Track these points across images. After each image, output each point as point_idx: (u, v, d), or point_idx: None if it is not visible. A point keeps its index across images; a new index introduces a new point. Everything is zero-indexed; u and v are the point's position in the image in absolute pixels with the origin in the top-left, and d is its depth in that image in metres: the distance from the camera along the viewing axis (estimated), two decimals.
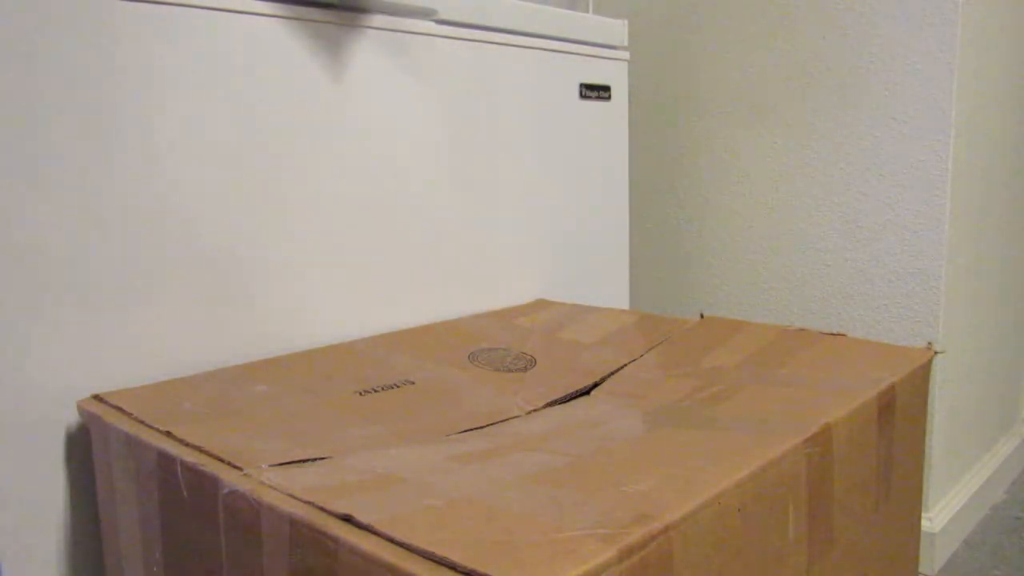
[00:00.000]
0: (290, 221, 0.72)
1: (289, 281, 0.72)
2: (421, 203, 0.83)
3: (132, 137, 0.61)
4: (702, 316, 0.79)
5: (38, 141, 0.57)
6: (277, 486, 0.43)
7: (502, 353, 0.73)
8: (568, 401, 0.62)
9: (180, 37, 0.63)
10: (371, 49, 0.77)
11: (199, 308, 0.66)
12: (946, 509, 1.11)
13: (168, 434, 0.51)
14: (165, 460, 0.49)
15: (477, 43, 0.87)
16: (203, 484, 0.46)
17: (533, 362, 0.71)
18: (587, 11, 1.26)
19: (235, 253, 0.68)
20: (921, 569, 1.08)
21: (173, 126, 0.64)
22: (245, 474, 0.45)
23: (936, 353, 0.68)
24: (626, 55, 1.07)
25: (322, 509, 0.40)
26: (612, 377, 0.67)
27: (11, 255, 0.56)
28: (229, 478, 0.44)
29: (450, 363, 0.70)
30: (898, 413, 0.60)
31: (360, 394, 0.61)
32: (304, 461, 0.47)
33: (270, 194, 0.70)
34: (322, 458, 0.48)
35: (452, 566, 0.34)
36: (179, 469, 0.48)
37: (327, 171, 0.74)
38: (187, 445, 0.49)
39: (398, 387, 0.63)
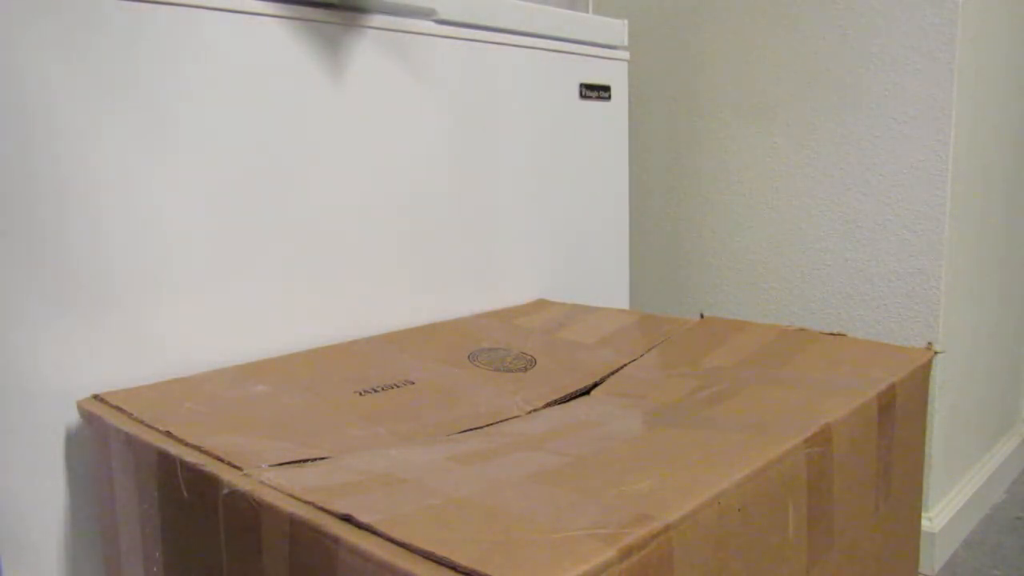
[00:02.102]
0: (290, 220, 0.72)
1: (288, 281, 0.72)
2: (421, 203, 0.83)
3: (130, 137, 0.61)
4: (702, 316, 0.79)
5: (38, 144, 0.57)
6: (277, 486, 0.43)
7: (502, 353, 0.73)
8: (568, 401, 0.62)
9: (180, 37, 0.63)
10: (371, 49, 0.77)
11: (197, 308, 0.66)
12: (946, 509, 1.11)
13: (168, 434, 0.51)
14: (165, 460, 0.49)
15: (477, 43, 0.87)
16: (203, 484, 0.46)
17: (533, 362, 0.71)
18: (587, 11, 1.26)
19: (234, 252, 0.68)
20: (921, 569, 1.08)
21: (172, 126, 0.64)
22: (245, 474, 0.45)
23: (936, 353, 0.68)
24: (626, 55, 1.07)
25: (322, 509, 0.40)
26: (612, 377, 0.67)
27: (10, 256, 0.56)
28: (229, 478, 0.44)
29: (450, 363, 0.70)
30: (898, 413, 0.60)
31: (360, 394, 0.61)
32: (304, 461, 0.47)
33: (269, 194, 0.70)
34: (322, 458, 0.48)
35: (452, 566, 0.34)
36: (179, 469, 0.48)
37: (327, 171, 0.74)
38: (187, 445, 0.49)
39: (398, 387, 0.63)
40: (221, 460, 0.47)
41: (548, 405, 0.61)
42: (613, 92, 1.05)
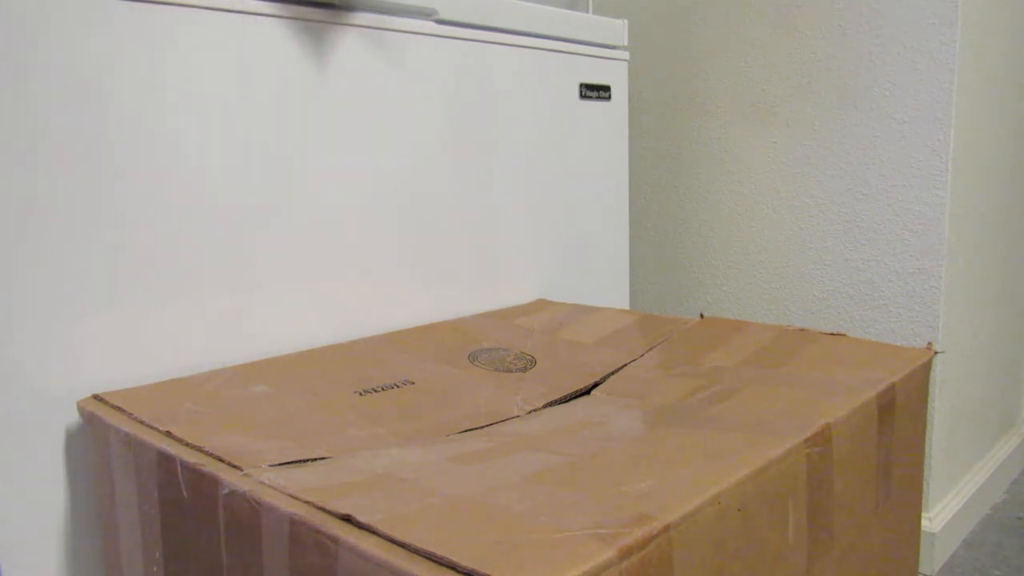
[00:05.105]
0: (290, 221, 0.72)
1: (289, 281, 0.72)
2: (421, 203, 0.83)
3: (130, 138, 0.61)
4: (702, 316, 0.79)
5: (38, 144, 0.57)
6: (277, 486, 0.43)
7: (502, 353, 0.73)
8: (568, 401, 0.62)
9: (180, 38, 0.63)
10: (371, 49, 0.77)
11: (198, 308, 0.66)
12: (946, 509, 1.11)
13: (168, 434, 0.51)
14: (165, 460, 0.49)
15: (477, 43, 0.87)
16: (203, 484, 0.46)
17: (533, 362, 0.71)
18: (587, 11, 1.26)
19: (235, 253, 0.68)
20: (921, 569, 1.08)
21: (173, 127, 0.64)
22: (245, 474, 0.45)
23: (936, 353, 0.68)
24: (626, 55, 1.07)
25: (322, 509, 0.40)
26: (612, 377, 0.67)
27: (11, 255, 0.56)
28: (229, 478, 0.44)
29: (450, 363, 0.70)
30: (898, 413, 0.60)
31: (360, 394, 0.61)
32: (304, 461, 0.47)
33: (269, 194, 0.70)
34: (322, 458, 0.48)
35: (452, 566, 0.34)
36: (179, 469, 0.48)
37: (327, 171, 0.74)
38: (187, 445, 0.49)
39: (398, 387, 0.63)
40: (221, 460, 0.47)
41: (548, 405, 0.61)
42: (613, 92, 1.05)
